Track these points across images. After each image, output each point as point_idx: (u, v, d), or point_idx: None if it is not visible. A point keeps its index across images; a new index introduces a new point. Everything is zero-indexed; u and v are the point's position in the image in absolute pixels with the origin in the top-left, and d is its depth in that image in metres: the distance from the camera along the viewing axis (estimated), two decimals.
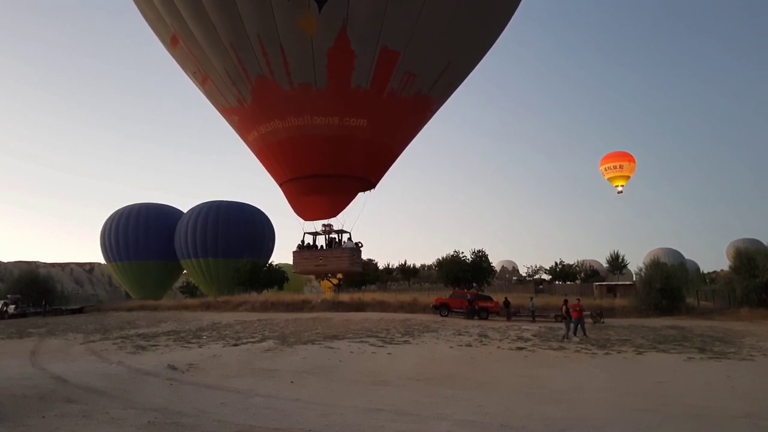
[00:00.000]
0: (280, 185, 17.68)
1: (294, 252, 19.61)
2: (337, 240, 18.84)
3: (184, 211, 56.87)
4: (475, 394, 9.44)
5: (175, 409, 8.13)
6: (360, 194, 18.08)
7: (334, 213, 17.53)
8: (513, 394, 9.50)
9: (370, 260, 53.18)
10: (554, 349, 15.41)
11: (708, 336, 18.28)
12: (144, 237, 54.38)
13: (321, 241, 19.27)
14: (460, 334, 19.40)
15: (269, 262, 53.03)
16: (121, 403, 8.68)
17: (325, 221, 18.56)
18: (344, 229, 18.72)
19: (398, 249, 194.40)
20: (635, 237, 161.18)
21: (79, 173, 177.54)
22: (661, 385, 10.20)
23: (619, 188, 63.04)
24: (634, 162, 62.83)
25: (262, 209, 58.61)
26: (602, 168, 63.68)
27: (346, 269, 20.03)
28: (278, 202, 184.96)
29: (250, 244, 51.65)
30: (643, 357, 13.90)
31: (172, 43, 15.86)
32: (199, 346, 16.52)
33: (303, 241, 19.55)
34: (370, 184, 18.06)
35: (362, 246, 19.16)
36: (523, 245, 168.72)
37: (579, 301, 19.83)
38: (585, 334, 18.30)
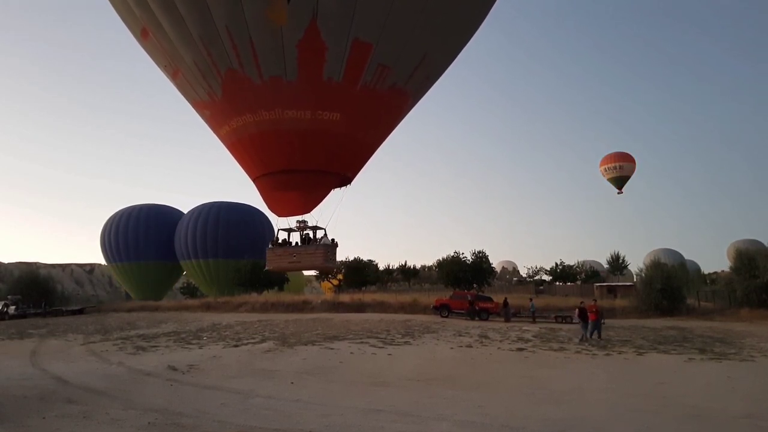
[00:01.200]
0: (254, 180, 17.31)
1: (267, 249, 19.38)
2: (311, 237, 18.59)
3: (185, 211, 56.91)
4: (475, 394, 9.43)
5: (175, 410, 8.13)
6: (337, 190, 17.89)
7: (308, 209, 17.22)
8: (513, 395, 9.50)
9: (370, 261, 53.19)
10: (555, 350, 15.40)
11: (708, 337, 18.28)
12: (144, 238, 54.41)
13: (296, 238, 18.96)
14: (460, 335, 19.40)
15: None
16: (122, 403, 8.69)
17: (300, 217, 18.29)
18: (319, 225, 18.46)
19: (398, 250, 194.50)
20: (635, 237, 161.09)
21: (79, 174, 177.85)
22: (662, 385, 10.20)
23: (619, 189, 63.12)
24: (633, 162, 62.87)
25: (262, 210, 58.68)
26: (602, 168, 63.71)
27: (320, 266, 19.71)
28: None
29: (250, 244, 51.61)
30: (643, 358, 13.90)
31: (142, 35, 15.69)
32: (200, 347, 16.53)
33: (277, 238, 19.37)
34: (346, 180, 17.78)
35: (337, 244, 18.94)
36: (523, 246, 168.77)
37: (595, 302, 19.47)
38: (600, 336, 17.87)
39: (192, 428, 7.16)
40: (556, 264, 56.17)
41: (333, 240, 18.70)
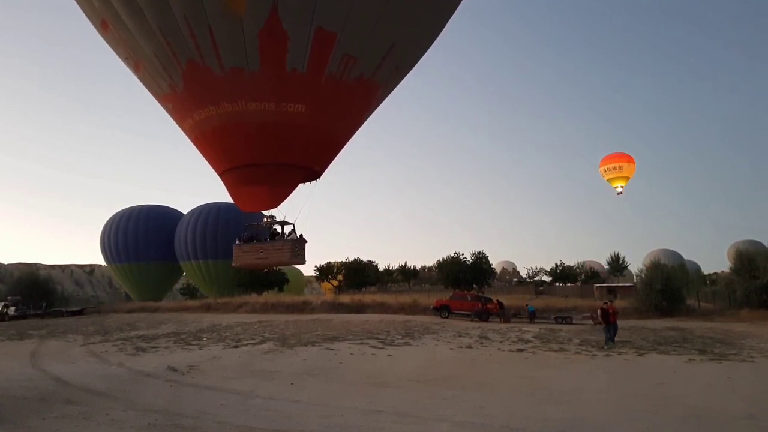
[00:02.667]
0: (220, 175, 16.86)
1: (234, 245, 19.22)
2: (279, 232, 18.46)
3: (185, 212, 56.93)
4: (475, 395, 9.44)
5: (175, 411, 8.13)
6: (308, 184, 17.75)
7: (275, 203, 16.81)
8: (513, 396, 9.51)
9: (370, 262, 53.26)
10: (554, 351, 15.40)
11: (708, 337, 18.27)
12: (144, 238, 54.41)
13: (265, 234, 18.81)
14: (460, 336, 19.40)
15: None
16: (122, 404, 8.69)
17: (268, 213, 18.12)
18: (287, 220, 18.32)
19: (398, 250, 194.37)
20: (636, 238, 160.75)
21: (79, 174, 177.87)
22: (662, 386, 10.20)
23: (619, 189, 63.17)
24: (633, 163, 62.97)
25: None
26: (601, 169, 63.80)
27: (287, 262, 19.29)
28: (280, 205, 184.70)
29: None
30: (643, 358, 13.90)
31: (102, 27, 15.32)
32: (200, 348, 16.53)
33: (244, 234, 19.26)
34: (314, 174, 17.39)
35: (306, 240, 18.79)
36: (523, 246, 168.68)
37: (611, 303, 18.84)
38: (613, 340, 17.04)
39: (192, 429, 7.16)
40: (556, 264, 56.23)
41: (301, 235, 18.53)
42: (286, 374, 11.66)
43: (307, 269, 71.29)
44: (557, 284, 54.95)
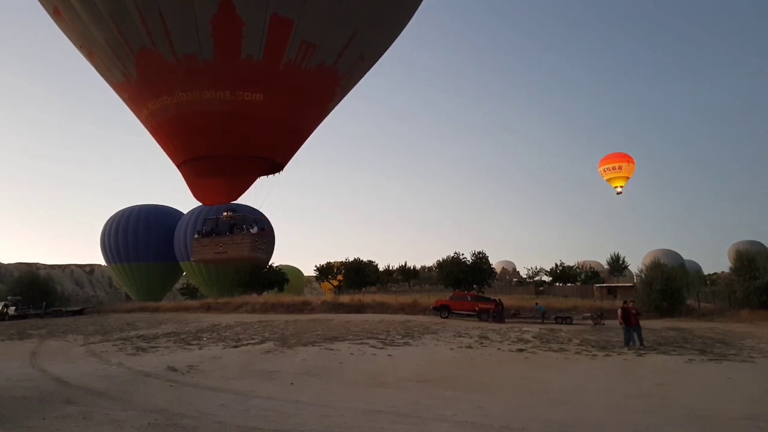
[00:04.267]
0: (178, 167, 16.41)
1: (194, 239, 18.44)
2: (239, 226, 17.70)
3: (185, 212, 56.90)
4: (475, 395, 9.43)
5: (175, 411, 8.13)
6: (271, 177, 17.04)
7: (234, 196, 16.47)
8: (513, 396, 9.50)
9: (370, 262, 53.25)
10: (554, 351, 15.40)
11: (708, 338, 18.28)
12: (144, 239, 54.32)
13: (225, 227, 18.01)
14: (460, 336, 19.39)
15: (269, 263, 53.06)
16: (122, 404, 8.69)
17: (228, 206, 17.43)
18: (248, 214, 17.59)
19: (398, 250, 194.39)
20: (637, 238, 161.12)
21: (79, 174, 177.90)
22: (662, 386, 10.20)
23: (619, 189, 63.18)
24: (633, 163, 62.99)
25: (262, 210, 58.71)
26: (601, 169, 63.82)
27: (247, 256, 18.64)
28: (279, 204, 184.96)
29: None
30: (643, 359, 13.90)
31: (55, 14, 14.88)
32: (200, 348, 16.52)
33: (203, 228, 18.51)
34: (276, 166, 16.92)
35: (269, 232, 18.00)
36: (523, 246, 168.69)
37: (633, 304, 18.16)
38: (642, 342, 16.18)
39: (192, 429, 7.16)
40: (556, 265, 56.20)
41: (263, 228, 17.87)
42: (286, 374, 11.66)
43: (307, 269, 71.33)
44: (557, 284, 54.93)
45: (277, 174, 17.23)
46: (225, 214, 17.57)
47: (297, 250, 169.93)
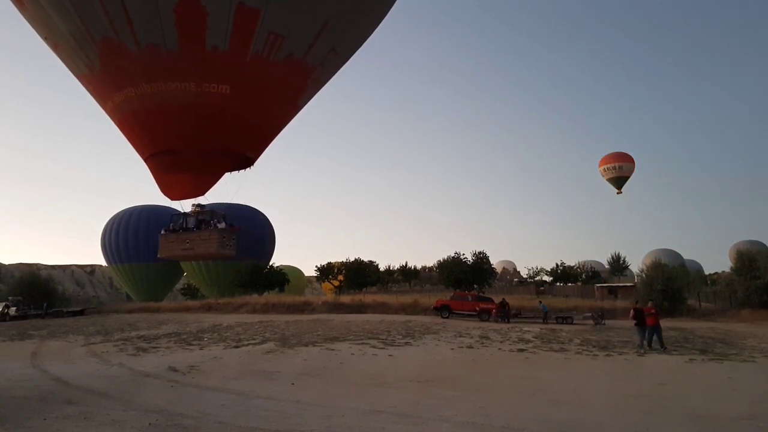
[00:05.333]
0: (145, 161, 15.90)
1: (161, 235, 17.88)
2: (207, 222, 17.21)
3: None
4: (476, 395, 9.43)
5: (176, 411, 8.13)
6: (240, 171, 16.56)
7: (202, 191, 15.82)
8: (514, 396, 9.50)
9: (371, 262, 53.26)
10: (555, 351, 15.39)
11: (709, 337, 18.27)
12: (145, 239, 54.30)
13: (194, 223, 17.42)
14: (461, 336, 19.38)
15: (270, 263, 53.08)
16: (122, 404, 8.68)
17: (195, 201, 16.93)
18: (215, 209, 17.15)
19: (399, 250, 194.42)
20: (638, 238, 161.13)
21: (79, 175, 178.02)
22: (663, 386, 10.19)
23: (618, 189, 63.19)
24: (633, 162, 62.94)
25: (262, 211, 58.70)
26: (601, 169, 63.76)
27: (214, 253, 17.88)
28: (279, 203, 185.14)
29: (250, 246, 51.64)
30: (644, 359, 13.89)
31: (20, 5, 14.46)
32: (200, 348, 16.53)
33: (171, 224, 17.99)
34: (246, 161, 16.36)
35: (238, 228, 17.67)
36: (523, 246, 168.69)
37: (652, 304, 17.34)
38: (662, 344, 15.32)
39: (193, 429, 7.16)
40: (557, 265, 56.18)
41: (231, 225, 17.52)
42: (286, 374, 11.65)
43: (308, 269, 71.36)
44: (558, 284, 54.90)
45: (247, 169, 16.72)
46: (193, 209, 16.99)
47: (298, 250, 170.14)
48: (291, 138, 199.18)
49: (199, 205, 16.87)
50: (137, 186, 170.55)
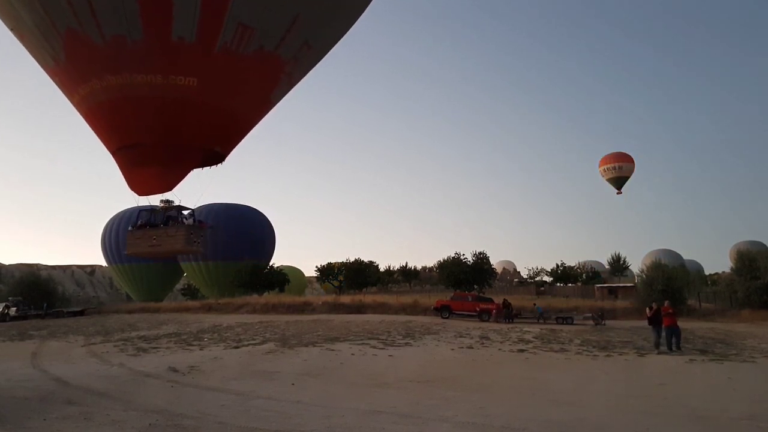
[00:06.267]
0: (112, 155, 15.60)
1: (128, 231, 17.11)
2: (174, 218, 16.89)
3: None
4: (476, 396, 9.42)
5: (176, 411, 8.13)
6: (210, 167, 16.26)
7: (169, 186, 15.48)
8: (514, 397, 9.49)
9: (371, 262, 53.28)
10: (555, 351, 15.39)
11: (709, 338, 18.26)
12: None
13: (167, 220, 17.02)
14: (461, 336, 19.38)
15: (270, 264, 53.09)
16: (122, 405, 8.68)
17: (163, 197, 16.62)
18: (184, 205, 16.80)
19: (399, 251, 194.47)
20: (638, 238, 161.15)
21: (80, 175, 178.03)
22: (663, 387, 10.19)
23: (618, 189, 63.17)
24: (632, 162, 62.90)
25: (262, 211, 58.71)
26: (601, 169, 63.73)
27: (181, 249, 17.32)
28: (279, 203, 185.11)
29: (250, 246, 51.66)
30: (644, 359, 13.88)
31: None
32: (200, 349, 16.52)
33: (137, 220, 17.68)
34: (216, 156, 16.04)
35: (207, 225, 17.32)
36: (524, 246, 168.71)
37: (669, 303, 16.69)
38: (678, 346, 14.96)
39: (193, 429, 7.16)
40: (557, 265, 56.20)
41: (200, 221, 17.17)
42: (287, 375, 11.65)
43: (308, 269, 71.37)
44: (558, 285, 54.91)
45: (218, 165, 16.40)
46: (161, 204, 16.73)
47: (298, 250, 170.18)
48: (291, 138, 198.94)
49: (167, 201, 16.59)
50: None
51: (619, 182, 62.62)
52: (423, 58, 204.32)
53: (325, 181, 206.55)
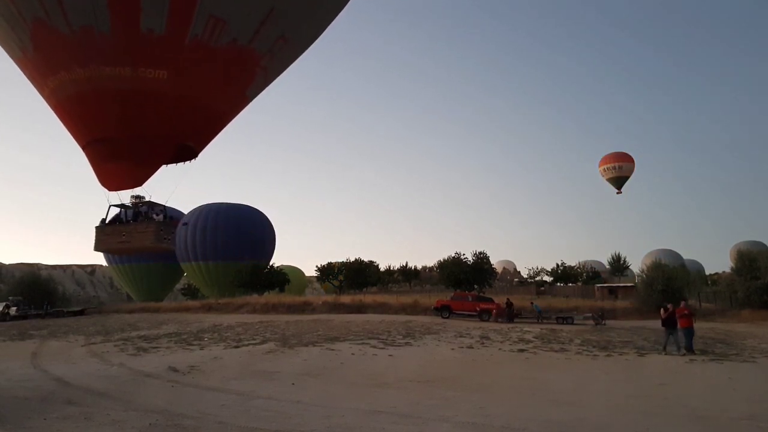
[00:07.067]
0: (82, 149, 15.37)
1: (96, 227, 16.66)
2: (145, 214, 16.75)
3: (185, 212, 56.90)
4: (476, 396, 9.43)
5: (176, 411, 8.13)
6: (185, 163, 15.91)
7: (139, 182, 15.19)
8: (514, 396, 9.49)
9: (371, 262, 53.29)
10: (556, 351, 15.39)
11: (710, 338, 18.25)
12: None
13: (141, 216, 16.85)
14: (461, 336, 19.38)
15: (270, 263, 53.10)
16: (123, 405, 8.69)
17: (134, 192, 16.47)
18: (155, 201, 16.66)
19: (399, 251, 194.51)
20: (638, 238, 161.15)
21: (80, 174, 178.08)
22: (663, 387, 10.19)
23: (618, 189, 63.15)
24: (632, 162, 62.88)
25: (262, 211, 58.72)
26: (601, 168, 63.72)
27: (150, 246, 17.09)
28: (279, 203, 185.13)
29: (250, 246, 51.67)
30: (644, 359, 13.88)
31: None
32: (201, 348, 16.53)
33: (107, 216, 17.50)
34: (189, 151, 15.79)
35: (176, 222, 17.02)
36: (524, 246, 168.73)
37: (686, 303, 16.26)
38: (692, 348, 14.51)
39: (193, 429, 7.16)
40: (557, 265, 56.19)
41: (171, 218, 16.98)
42: (287, 375, 11.65)
43: (308, 269, 71.40)
44: (558, 284, 54.91)
45: (191, 161, 16.10)
46: (131, 200, 16.49)
47: (297, 250, 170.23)
48: (291, 138, 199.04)
49: (138, 197, 16.40)
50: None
51: (619, 182, 62.60)
52: (423, 57, 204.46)
53: (326, 180, 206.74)
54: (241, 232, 51.95)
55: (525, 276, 64.83)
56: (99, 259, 68.08)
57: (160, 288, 57.35)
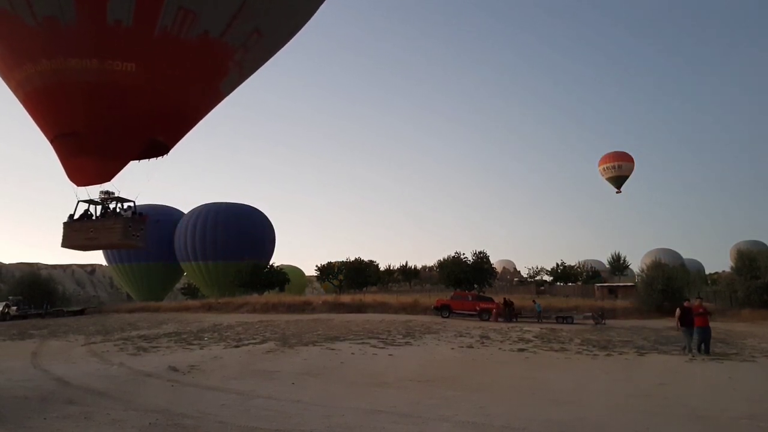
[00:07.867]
0: (51, 143, 15.09)
1: (64, 223, 16.23)
2: (113, 210, 16.54)
3: (185, 212, 56.92)
4: (476, 395, 9.43)
5: (176, 411, 8.13)
6: (154, 159, 15.62)
7: (107, 177, 14.90)
8: (514, 396, 9.50)
9: (371, 261, 53.29)
10: (555, 351, 15.40)
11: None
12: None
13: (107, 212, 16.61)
14: (461, 336, 19.39)
15: (270, 263, 53.12)
16: (123, 404, 8.69)
17: (103, 188, 16.29)
18: (123, 197, 16.43)
19: (399, 250, 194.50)
20: (638, 238, 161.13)
21: None
22: (663, 386, 10.19)
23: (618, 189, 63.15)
24: (632, 162, 62.88)
25: (262, 210, 58.75)
26: (600, 168, 63.71)
27: (118, 243, 16.35)
28: (279, 203, 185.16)
29: (250, 246, 51.69)
30: (644, 358, 13.88)
31: None
32: (201, 348, 16.53)
33: (75, 211, 17.25)
34: (160, 147, 15.50)
35: (146, 217, 16.78)
36: (524, 246, 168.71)
37: (701, 301, 15.43)
38: (708, 350, 13.97)
39: (193, 429, 7.16)
40: (557, 264, 56.20)
41: (140, 214, 16.84)
42: (287, 374, 11.66)
43: (308, 269, 71.42)
44: (558, 284, 54.93)
45: (162, 157, 15.81)
46: (101, 196, 16.29)
47: (298, 250, 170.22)
48: (291, 138, 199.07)
49: (107, 192, 16.21)
50: (137, 185, 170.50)
51: (618, 181, 62.60)
52: (424, 57, 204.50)
53: (326, 180, 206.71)
54: (241, 232, 51.97)
55: (525, 275, 64.88)
56: (99, 258, 68.01)
57: (160, 287, 57.37)
